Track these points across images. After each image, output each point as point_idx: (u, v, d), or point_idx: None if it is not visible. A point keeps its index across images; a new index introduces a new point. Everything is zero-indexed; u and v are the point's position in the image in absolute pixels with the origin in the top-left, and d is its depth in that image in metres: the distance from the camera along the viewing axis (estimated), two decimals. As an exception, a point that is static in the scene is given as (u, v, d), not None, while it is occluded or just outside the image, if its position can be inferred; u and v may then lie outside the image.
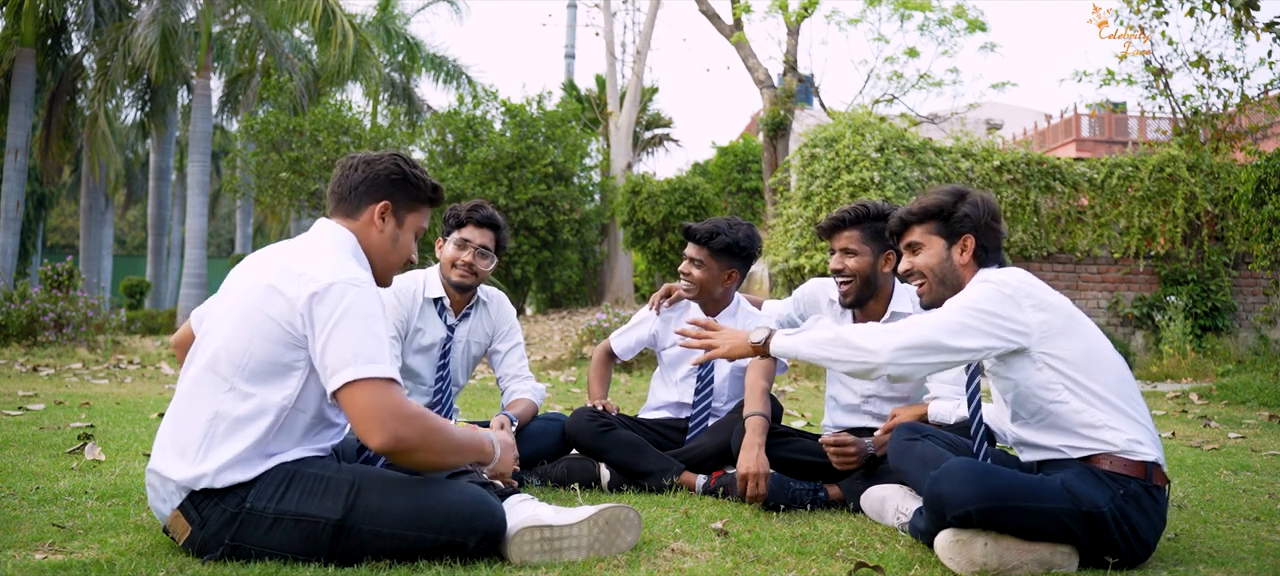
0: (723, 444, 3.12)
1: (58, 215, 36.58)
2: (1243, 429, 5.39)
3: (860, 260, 2.97)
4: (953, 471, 2.21)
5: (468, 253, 3.20)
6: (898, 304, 3.06)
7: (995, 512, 2.15)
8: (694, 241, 3.30)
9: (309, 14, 16.25)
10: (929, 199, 2.49)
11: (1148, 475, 2.23)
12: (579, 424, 3.19)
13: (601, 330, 9.29)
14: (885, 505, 2.69)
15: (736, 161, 18.46)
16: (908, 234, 2.54)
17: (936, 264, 2.47)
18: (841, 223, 3.01)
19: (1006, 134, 21.10)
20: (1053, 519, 2.16)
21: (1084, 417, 2.25)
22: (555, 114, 16.00)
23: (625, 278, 18.11)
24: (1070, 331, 2.29)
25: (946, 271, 2.46)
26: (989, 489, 2.16)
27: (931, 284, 2.49)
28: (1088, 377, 2.26)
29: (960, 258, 2.46)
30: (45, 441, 3.83)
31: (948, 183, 9.65)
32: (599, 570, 2.12)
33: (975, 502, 2.14)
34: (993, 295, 2.27)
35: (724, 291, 3.37)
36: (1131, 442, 2.23)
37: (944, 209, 2.47)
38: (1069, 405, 2.26)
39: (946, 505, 2.18)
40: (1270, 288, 10.10)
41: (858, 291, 3.00)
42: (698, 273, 3.30)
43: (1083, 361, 2.27)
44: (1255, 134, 10.76)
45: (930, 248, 2.48)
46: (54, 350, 9.57)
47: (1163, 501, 2.27)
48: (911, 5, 12.27)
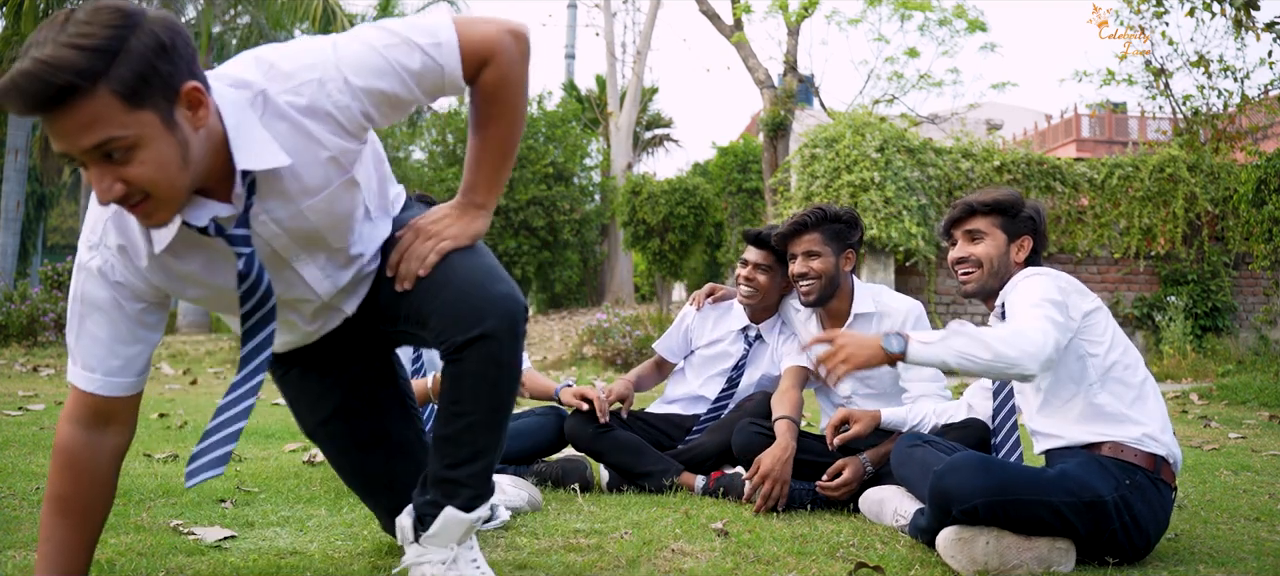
0: (722, 443, 3.12)
1: (58, 215, 36.58)
2: (1243, 429, 5.39)
3: (823, 261, 3.05)
4: (958, 466, 2.24)
5: None
6: (860, 304, 3.11)
7: (1001, 505, 2.17)
8: (757, 246, 3.29)
9: (309, 14, 16.26)
10: (999, 193, 2.58)
11: (1156, 468, 2.27)
12: (578, 425, 3.18)
13: (601, 330, 9.30)
14: (883, 507, 2.70)
15: (737, 162, 18.44)
16: (971, 221, 2.58)
17: (996, 255, 2.54)
18: (803, 226, 3.08)
19: (1007, 134, 21.08)
20: (1054, 512, 2.18)
21: (1109, 409, 2.31)
22: (555, 114, 16.00)
23: (625, 278, 18.11)
24: (1103, 324, 2.38)
25: (1001, 265, 2.54)
26: (995, 482, 2.18)
27: (984, 274, 2.54)
28: (1116, 370, 2.34)
29: (1016, 255, 2.55)
30: (45, 441, 3.83)
31: (948, 183, 9.67)
32: (599, 570, 2.12)
33: (981, 496, 2.16)
34: (1050, 285, 2.34)
35: (780, 298, 3.37)
36: (1145, 436, 2.28)
37: (1013, 206, 2.56)
38: (1098, 398, 2.32)
39: (953, 499, 2.20)
40: (1270, 288, 10.10)
41: (821, 290, 3.06)
42: (762, 278, 3.29)
43: (1113, 354, 2.35)
44: (1255, 134, 10.76)
45: (993, 239, 2.55)
46: (54, 350, 9.57)
47: (1168, 497, 2.29)
48: (912, 5, 12.26)
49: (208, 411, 5.31)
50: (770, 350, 3.38)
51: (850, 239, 3.10)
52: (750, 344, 3.37)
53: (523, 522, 2.57)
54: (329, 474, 3.30)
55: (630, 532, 2.47)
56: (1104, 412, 2.31)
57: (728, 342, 3.41)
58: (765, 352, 3.38)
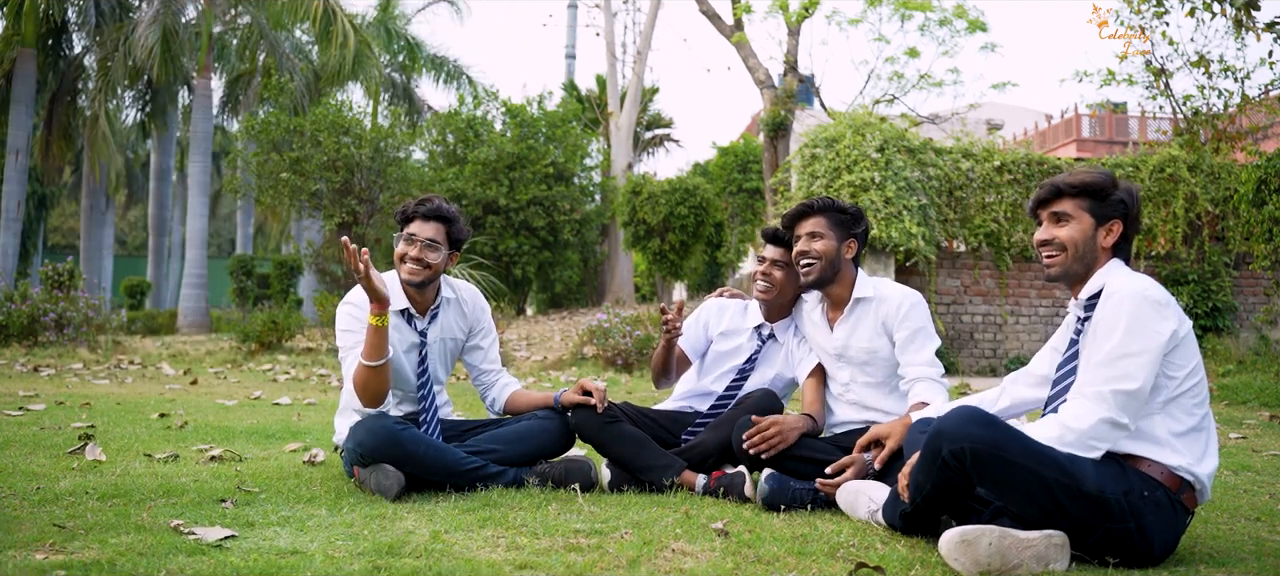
0: (724, 439, 3.13)
1: (58, 215, 36.58)
2: (1243, 429, 5.39)
3: (825, 243, 3.11)
4: (960, 411, 2.25)
5: (414, 247, 3.12)
6: (860, 289, 3.16)
7: (989, 459, 2.17)
8: (775, 243, 3.32)
9: (310, 14, 16.26)
10: (1089, 175, 2.45)
11: (1179, 489, 2.26)
12: (585, 416, 3.19)
13: (602, 330, 9.29)
14: (857, 498, 2.71)
15: (737, 162, 18.46)
16: (1057, 203, 2.48)
17: (1081, 239, 2.43)
18: (809, 209, 3.14)
19: (1007, 134, 21.07)
20: (1045, 488, 2.17)
21: (1157, 433, 2.27)
22: (556, 114, 16.00)
23: (626, 278, 18.11)
24: (1187, 348, 2.30)
25: (1087, 250, 2.43)
26: (990, 435, 2.18)
27: (1069, 258, 2.44)
28: (1182, 399, 2.29)
29: (1104, 240, 2.44)
30: (46, 441, 3.83)
31: (948, 183, 9.65)
32: (600, 570, 2.12)
33: (971, 442, 2.17)
34: (1148, 329, 2.25)
35: (796, 295, 3.39)
36: (1183, 461, 2.26)
37: (1103, 188, 2.43)
38: (1153, 421, 2.28)
39: (945, 438, 2.21)
40: (1271, 288, 10.10)
41: (821, 271, 3.12)
42: (778, 274, 3.32)
43: (1187, 382, 2.29)
44: (1256, 134, 10.76)
45: (1079, 222, 2.44)
46: (55, 350, 9.57)
47: (1183, 520, 2.28)
48: (912, 5, 12.27)
49: (208, 411, 5.30)
50: (784, 351, 3.41)
51: (854, 229, 3.16)
52: (763, 342, 3.41)
53: (524, 522, 2.57)
54: (329, 474, 3.30)
55: (631, 532, 2.47)
56: (1151, 435, 2.28)
57: (744, 338, 3.44)
58: (778, 352, 3.41)
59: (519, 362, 10.01)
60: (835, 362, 3.23)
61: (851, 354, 3.16)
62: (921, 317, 3.10)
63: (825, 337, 3.24)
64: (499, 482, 3.04)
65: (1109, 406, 2.21)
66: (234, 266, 19.40)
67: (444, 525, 2.50)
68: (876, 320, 3.13)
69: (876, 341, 3.12)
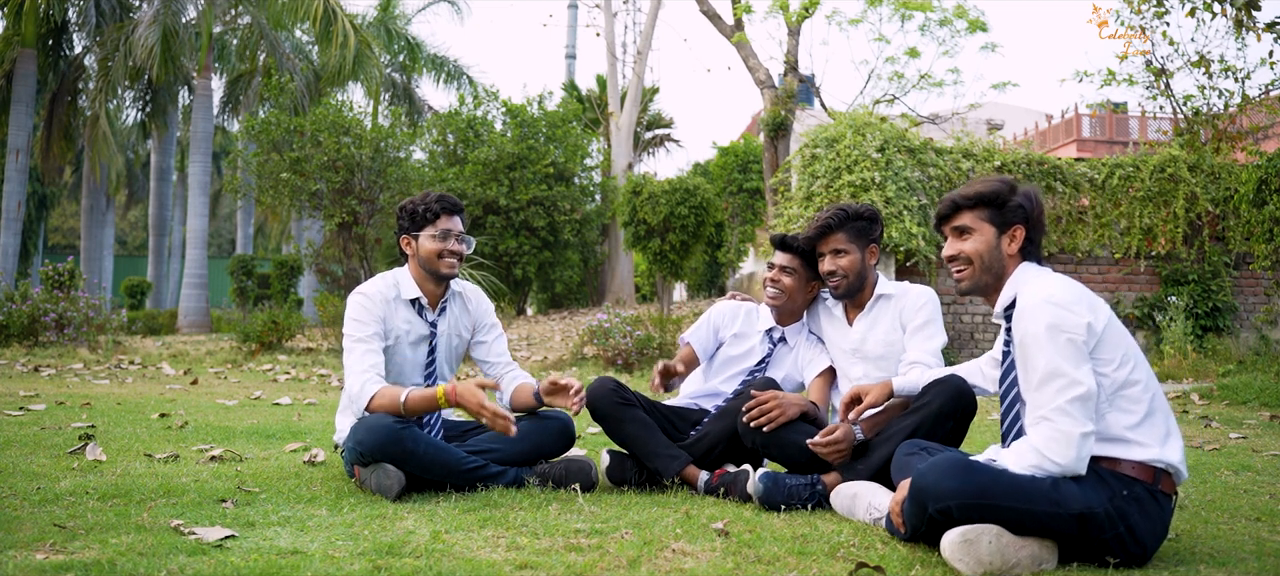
0: (728, 429, 3.15)
1: (59, 215, 36.59)
2: (1244, 429, 5.39)
3: (850, 258, 3.18)
4: (939, 465, 2.25)
5: (452, 241, 3.22)
6: (881, 288, 3.24)
7: (977, 509, 2.17)
8: (784, 249, 3.35)
9: (310, 14, 16.25)
10: (983, 184, 2.45)
11: (1155, 480, 2.25)
12: (601, 391, 3.20)
13: (602, 330, 9.28)
14: (856, 502, 2.71)
15: (737, 162, 18.46)
16: (957, 217, 2.49)
17: (985, 251, 2.44)
18: (828, 228, 3.17)
19: (1007, 134, 21.09)
20: (1037, 521, 2.18)
21: (1112, 430, 2.26)
22: (556, 114, 16.00)
23: (626, 278, 18.11)
24: (1113, 339, 2.28)
25: (993, 260, 2.44)
26: (972, 486, 2.18)
27: (977, 270, 2.45)
28: (1125, 390, 2.26)
29: (1009, 248, 2.43)
30: (46, 441, 3.83)
31: (949, 183, 9.65)
32: (600, 570, 2.12)
33: (956, 498, 2.17)
34: (1060, 336, 2.22)
35: (806, 301, 3.41)
36: (1150, 453, 2.24)
37: (998, 196, 2.43)
38: (1104, 417, 2.26)
39: (928, 497, 2.22)
40: (1271, 288, 10.09)
41: (849, 285, 3.20)
42: (787, 280, 3.34)
43: (1122, 371, 2.26)
44: (1256, 134, 10.75)
45: (981, 234, 2.44)
46: (55, 350, 9.57)
47: (1168, 507, 2.28)
48: (912, 5, 12.26)
49: (208, 411, 5.31)
50: (794, 354, 3.42)
51: (872, 234, 3.21)
52: (774, 345, 3.42)
53: (524, 522, 2.57)
54: (329, 474, 3.30)
55: (631, 532, 2.47)
56: (1107, 433, 2.26)
57: (755, 341, 3.46)
58: (788, 355, 3.42)
59: (519, 362, 10.01)
60: (850, 359, 3.25)
61: (868, 349, 3.21)
62: (933, 311, 3.19)
63: (843, 333, 3.27)
64: (499, 482, 3.04)
65: (1074, 420, 2.18)
66: (234, 266, 19.40)
67: (444, 525, 2.50)
68: (895, 315, 3.19)
69: (893, 335, 3.18)
